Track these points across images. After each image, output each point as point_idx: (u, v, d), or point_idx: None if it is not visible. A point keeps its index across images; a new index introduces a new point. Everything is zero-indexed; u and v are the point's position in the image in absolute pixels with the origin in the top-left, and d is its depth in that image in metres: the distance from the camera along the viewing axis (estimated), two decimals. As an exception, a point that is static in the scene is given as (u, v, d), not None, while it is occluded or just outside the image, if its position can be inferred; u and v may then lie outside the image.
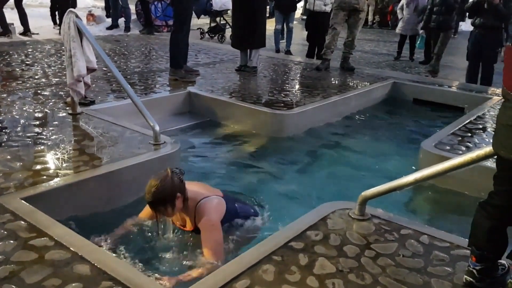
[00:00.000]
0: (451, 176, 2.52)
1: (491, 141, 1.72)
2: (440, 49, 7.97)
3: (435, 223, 2.71)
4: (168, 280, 2.01)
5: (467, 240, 1.87)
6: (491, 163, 2.40)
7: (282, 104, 4.60)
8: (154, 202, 2.22)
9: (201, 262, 2.21)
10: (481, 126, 4.07)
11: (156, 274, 2.05)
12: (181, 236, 2.52)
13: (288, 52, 9.44)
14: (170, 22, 10.92)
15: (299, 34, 11.50)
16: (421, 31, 8.79)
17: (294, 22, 9.85)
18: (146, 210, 2.53)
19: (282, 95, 5.00)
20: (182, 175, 2.32)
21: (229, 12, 10.39)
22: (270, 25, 10.20)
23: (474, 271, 1.80)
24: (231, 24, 6.59)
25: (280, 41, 9.83)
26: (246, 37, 5.95)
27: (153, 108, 3.77)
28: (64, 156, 3.00)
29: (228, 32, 10.65)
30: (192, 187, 2.42)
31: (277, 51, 9.59)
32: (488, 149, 1.80)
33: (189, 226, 2.43)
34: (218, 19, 11.16)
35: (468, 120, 4.19)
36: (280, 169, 3.81)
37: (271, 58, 7.57)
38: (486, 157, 1.84)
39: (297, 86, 5.59)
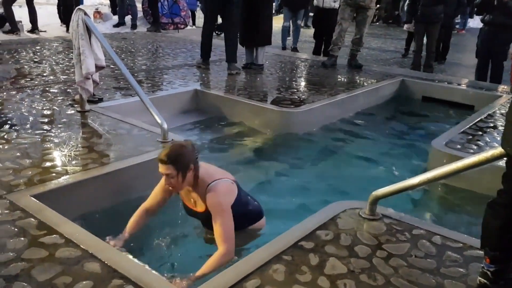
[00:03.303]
0: (463, 175, 2.49)
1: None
2: (430, 45, 7.43)
3: (448, 223, 2.68)
4: (181, 281, 1.99)
5: (480, 240, 1.84)
6: (504, 162, 2.37)
7: (289, 102, 4.58)
8: (168, 160, 2.14)
9: (212, 256, 2.17)
10: (492, 125, 4.03)
11: (166, 276, 2.03)
12: (192, 221, 2.49)
13: (294, 49, 9.41)
14: (176, 20, 10.93)
15: (305, 31, 11.45)
16: (405, 27, 8.47)
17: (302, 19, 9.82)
18: (153, 194, 2.48)
19: (289, 92, 4.98)
20: (198, 153, 2.28)
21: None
22: (277, 22, 10.19)
23: (488, 272, 1.78)
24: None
25: (287, 38, 9.80)
26: (250, 35, 5.96)
27: (160, 106, 3.75)
28: (72, 154, 3.00)
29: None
30: (206, 167, 2.36)
31: (284, 48, 9.56)
32: (503, 148, 1.77)
33: (200, 207, 2.34)
34: None
35: (479, 119, 4.15)
36: (288, 167, 3.79)
37: (278, 55, 7.55)
38: (501, 156, 1.81)
39: (304, 84, 5.57)
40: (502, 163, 2.36)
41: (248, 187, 3.32)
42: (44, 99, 4.22)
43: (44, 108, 3.96)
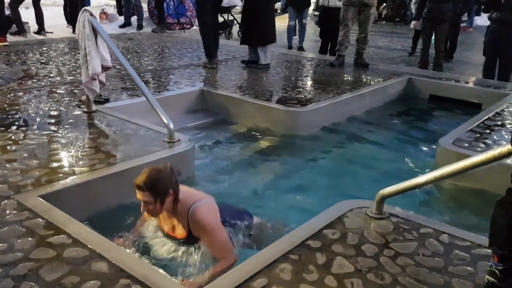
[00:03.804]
0: (471, 173, 2.47)
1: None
2: (438, 44, 7.39)
3: (455, 221, 2.66)
4: (188, 281, 1.99)
5: (488, 239, 1.83)
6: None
7: (296, 101, 4.57)
8: (145, 187, 2.07)
9: (217, 265, 2.17)
10: (499, 123, 4.00)
11: (173, 275, 2.03)
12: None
13: (300, 48, 9.40)
14: (182, 20, 10.94)
15: (311, 30, 11.43)
16: (412, 25, 8.45)
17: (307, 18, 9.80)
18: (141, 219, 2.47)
19: (296, 92, 4.97)
20: (178, 175, 2.21)
21: (237, 8, 10.43)
22: (283, 21, 10.18)
23: (497, 271, 1.76)
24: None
25: (293, 37, 9.79)
26: (246, 34, 6.11)
27: (166, 106, 3.77)
28: (79, 154, 3.01)
29: (235, 28, 10.68)
30: (184, 190, 2.29)
31: (290, 47, 9.55)
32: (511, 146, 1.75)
33: (180, 233, 2.26)
34: (226, 15, 11.14)
35: (486, 117, 4.12)
36: (295, 166, 3.78)
37: (284, 54, 7.54)
38: (509, 154, 1.79)
39: (310, 83, 5.55)
40: (510, 161, 2.35)
41: (254, 187, 3.34)
42: (51, 100, 4.24)
43: (51, 109, 3.98)
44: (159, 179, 2.09)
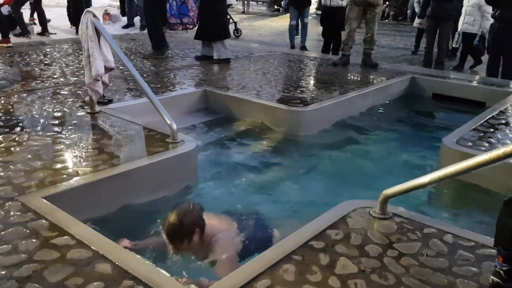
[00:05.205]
0: (475, 173, 2.46)
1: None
2: (441, 42, 7.39)
3: (459, 221, 2.66)
4: (192, 282, 2.00)
5: (493, 239, 1.82)
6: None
7: (298, 101, 4.56)
8: (172, 235, 2.29)
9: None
10: (504, 121, 3.98)
11: (176, 276, 2.03)
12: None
13: (303, 47, 9.40)
14: (185, 20, 10.93)
15: (314, 29, 11.41)
16: (415, 23, 8.44)
17: (309, 17, 9.79)
18: None
19: (298, 91, 4.96)
20: (202, 210, 2.37)
21: (240, 8, 10.45)
22: (285, 21, 10.17)
23: (501, 271, 1.75)
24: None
25: (295, 36, 9.78)
26: (201, 29, 6.65)
27: (169, 106, 3.77)
28: (83, 155, 3.02)
29: (231, 26, 10.69)
30: (210, 220, 2.43)
31: (292, 47, 9.55)
32: (515, 146, 1.74)
33: (202, 256, 2.41)
34: None
35: (490, 115, 4.10)
36: (297, 166, 3.78)
37: (286, 54, 7.53)
38: (512, 154, 1.78)
39: (313, 82, 5.55)
40: (514, 160, 2.33)
41: (257, 187, 3.33)
42: (55, 101, 4.25)
43: (55, 110, 3.99)
44: (181, 226, 2.26)
